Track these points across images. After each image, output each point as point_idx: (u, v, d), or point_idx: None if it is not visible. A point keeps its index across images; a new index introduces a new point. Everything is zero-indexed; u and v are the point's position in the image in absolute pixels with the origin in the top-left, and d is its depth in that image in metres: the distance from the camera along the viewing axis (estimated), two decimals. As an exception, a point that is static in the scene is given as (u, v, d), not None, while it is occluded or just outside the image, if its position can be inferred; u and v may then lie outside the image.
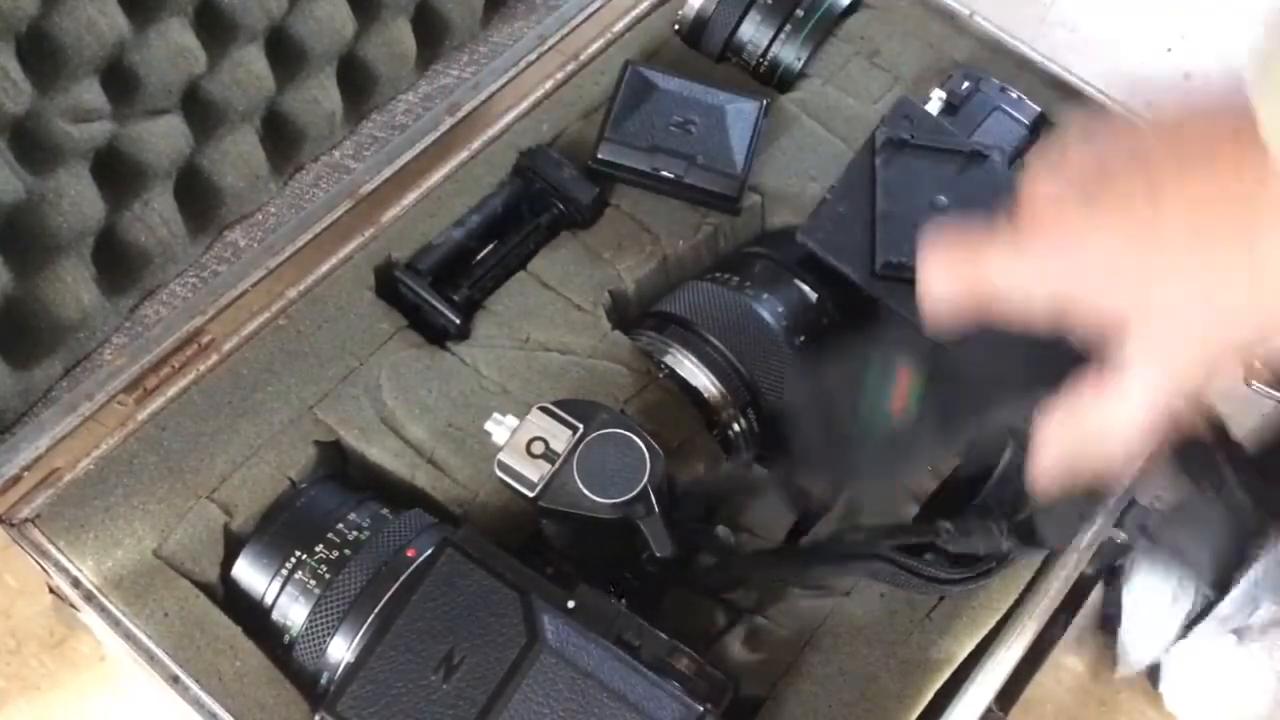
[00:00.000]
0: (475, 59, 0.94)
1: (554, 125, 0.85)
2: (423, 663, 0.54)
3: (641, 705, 0.53)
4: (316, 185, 0.85)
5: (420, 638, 0.55)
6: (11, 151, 0.71)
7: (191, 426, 0.71)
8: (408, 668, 0.54)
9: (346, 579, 0.61)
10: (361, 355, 0.74)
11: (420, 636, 0.55)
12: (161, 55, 0.78)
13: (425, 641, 0.55)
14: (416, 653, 0.55)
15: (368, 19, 0.89)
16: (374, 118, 0.91)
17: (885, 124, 0.75)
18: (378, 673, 0.54)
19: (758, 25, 0.88)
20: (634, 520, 0.59)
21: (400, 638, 0.55)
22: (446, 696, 0.53)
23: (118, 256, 0.78)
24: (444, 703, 0.53)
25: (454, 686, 0.54)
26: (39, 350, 0.74)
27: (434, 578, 0.56)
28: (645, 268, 0.79)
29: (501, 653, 0.54)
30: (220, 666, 0.63)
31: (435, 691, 0.54)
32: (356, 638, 0.59)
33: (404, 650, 0.55)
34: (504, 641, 0.54)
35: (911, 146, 0.73)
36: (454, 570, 0.56)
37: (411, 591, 0.56)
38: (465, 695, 0.53)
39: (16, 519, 0.67)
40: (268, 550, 0.64)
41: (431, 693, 0.54)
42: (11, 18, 0.70)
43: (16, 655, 0.82)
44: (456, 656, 0.54)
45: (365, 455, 0.71)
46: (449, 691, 0.54)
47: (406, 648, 0.55)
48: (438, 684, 0.54)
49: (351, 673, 0.55)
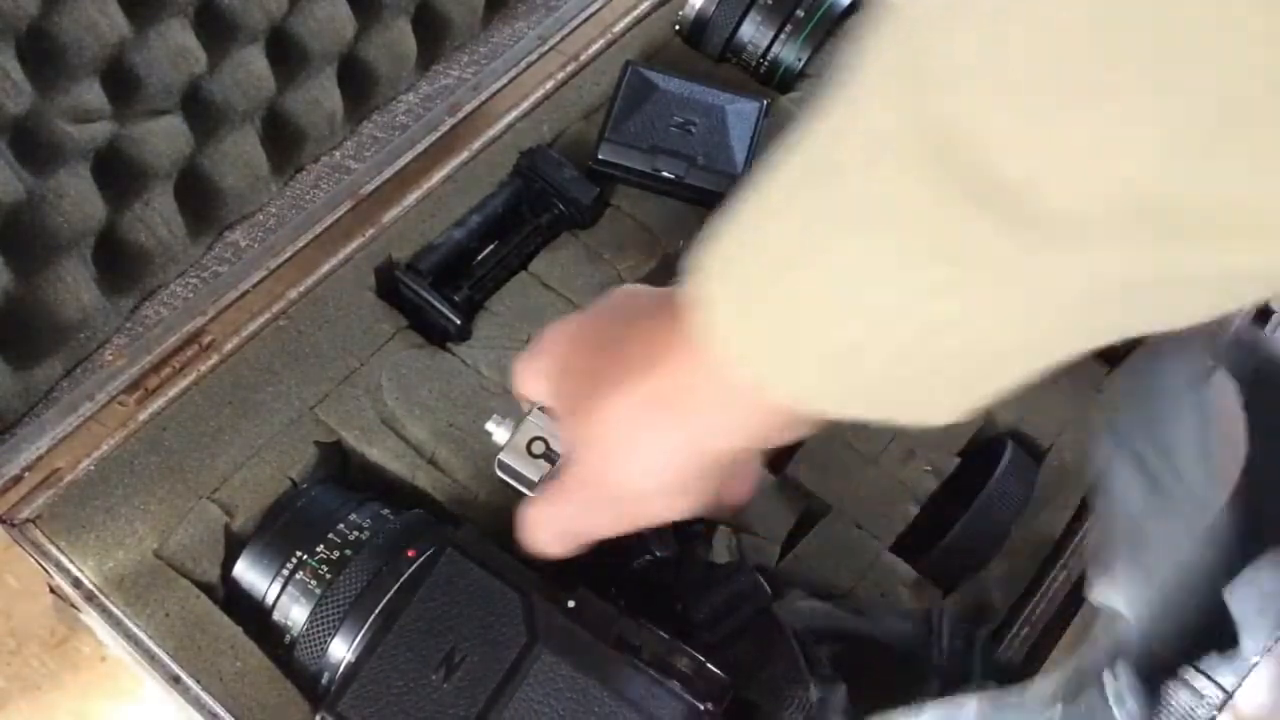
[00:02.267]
0: (476, 59, 0.94)
1: (554, 126, 0.85)
2: (423, 662, 0.54)
3: (642, 704, 0.53)
4: (317, 185, 0.85)
5: (421, 637, 0.55)
6: (12, 151, 0.71)
7: (192, 427, 0.71)
8: (408, 667, 0.54)
9: (347, 579, 0.61)
10: (362, 356, 0.74)
11: (421, 636, 0.55)
12: (162, 55, 0.78)
13: (426, 641, 0.55)
14: (417, 652, 0.55)
15: (368, 19, 0.89)
16: (374, 118, 0.91)
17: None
18: (379, 672, 0.54)
19: (758, 25, 0.88)
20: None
21: (401, 637, 0.55)
22: (447, 696, 0.54)
23: (118, 257, 0.78)
24: (445, 702, 0.53)
25: (455, 686, 0.54)
26: (39, 350, 0.74)
27: (434, 578, 0.56)
28: (645, 268, 0.79)
29: (502, 652, 0.54)
30: (221, 666, 0.63)
31: (436, 691, 0.54)
32: (357, 638, 0.59)
33: (405, 650, 0.55)
34: (504, 641, 0.55)
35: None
36: (454, 571, 0.57)
37: (412, 592, 0.56)
38: (466, 694, 0.53)
39: (17, 519, 0.67)
40: (269, 551, 0.64)
41: (432, 692, 0.54)
42: (11, 18, 0.70)
43: (17, 655, 0.82)
44: (457, 656, 0.54)
45: (366, 456, 0.71)
46: (450, 691, 0.54)
47: (407, 647, 0.55)
48: (438, 683, 0.54)
49: (352, 672, 0.55)
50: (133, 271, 0.79)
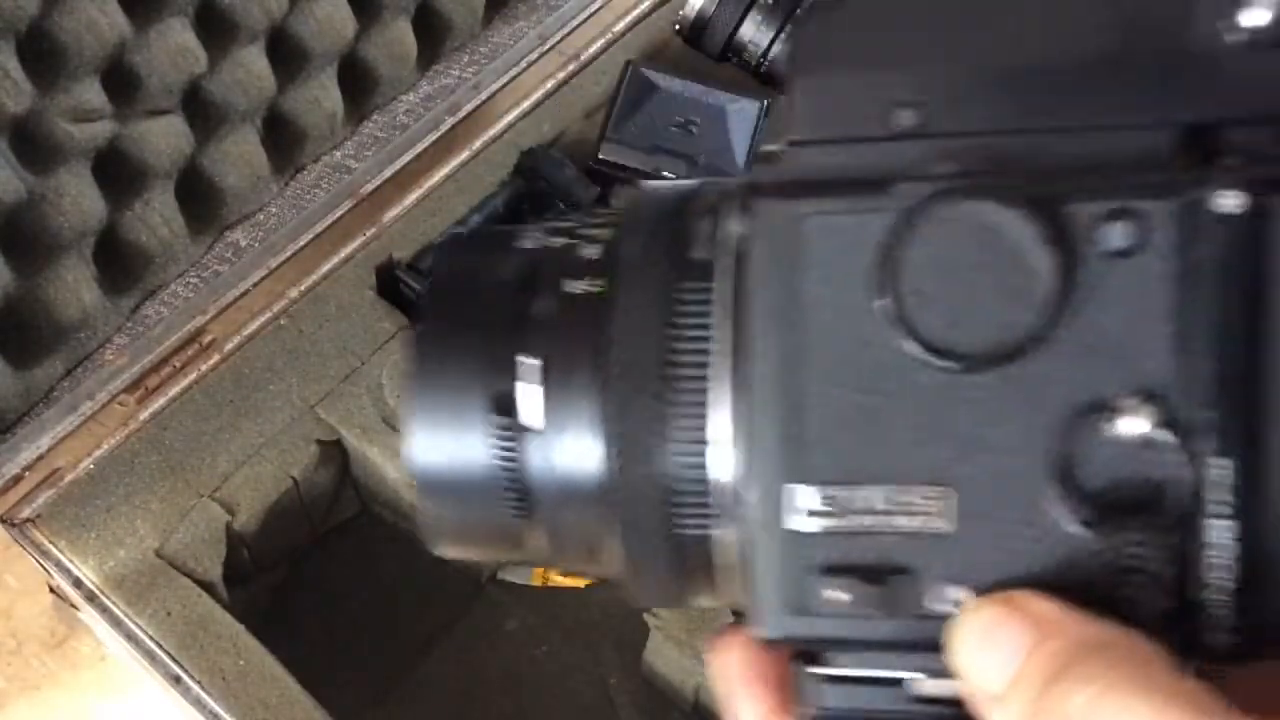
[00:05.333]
0: (476, 59, 0.94)
1: (555, 125, 0.85)
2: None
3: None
4: (318, 185, 0.85)
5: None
6: (12, 151, 0.71)
7: (193, 426, 0.71)
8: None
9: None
10: (363, 354, 0.74)
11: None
12: (162, 55, 0.78)
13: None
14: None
15: (368, 19, 0.89)
16: (375, 118, 0.90)
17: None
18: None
19: (758, 25, 0.88)
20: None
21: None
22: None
23: (119, 256, 0.78)
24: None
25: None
26: (40, 350, 0.74)
27: None
28: (646, 267, 0.79)
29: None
30: (223, 666, 0.63)
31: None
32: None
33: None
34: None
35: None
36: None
37: None
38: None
39: (18, 519, 0.67)
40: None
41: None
42: (12, 17, 0.70)
43: (17, 655, 0.82)
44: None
45: (366, 454, 0.71)
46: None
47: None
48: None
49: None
50: (133, 271, 0.78)
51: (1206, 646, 0.29)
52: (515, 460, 0.35)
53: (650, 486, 0.34)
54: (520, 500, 0.36)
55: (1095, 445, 0.29)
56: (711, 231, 0.34)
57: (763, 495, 0.31)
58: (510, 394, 0.35)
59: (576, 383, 0.34)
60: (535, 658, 0.85)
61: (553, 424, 0.35)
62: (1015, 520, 0.30)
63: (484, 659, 0.85)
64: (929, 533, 0.31)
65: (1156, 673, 0.27)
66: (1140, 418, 0.29)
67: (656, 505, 0.34)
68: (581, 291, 0.35)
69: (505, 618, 0.87)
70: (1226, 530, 0.29)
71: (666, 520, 0.34)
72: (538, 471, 0.35)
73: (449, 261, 0.40)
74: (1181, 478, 0.29)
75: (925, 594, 0.30)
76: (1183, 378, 0.29)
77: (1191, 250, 0.29)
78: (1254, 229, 0.28)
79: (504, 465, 0.35)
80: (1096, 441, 0.29)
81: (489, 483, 0.36)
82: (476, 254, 0.39)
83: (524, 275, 0.37)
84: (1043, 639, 0.28)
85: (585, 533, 0.36)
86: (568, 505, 0.35)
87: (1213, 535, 0.29)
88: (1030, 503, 0.30)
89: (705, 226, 0.34)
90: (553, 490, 0.36)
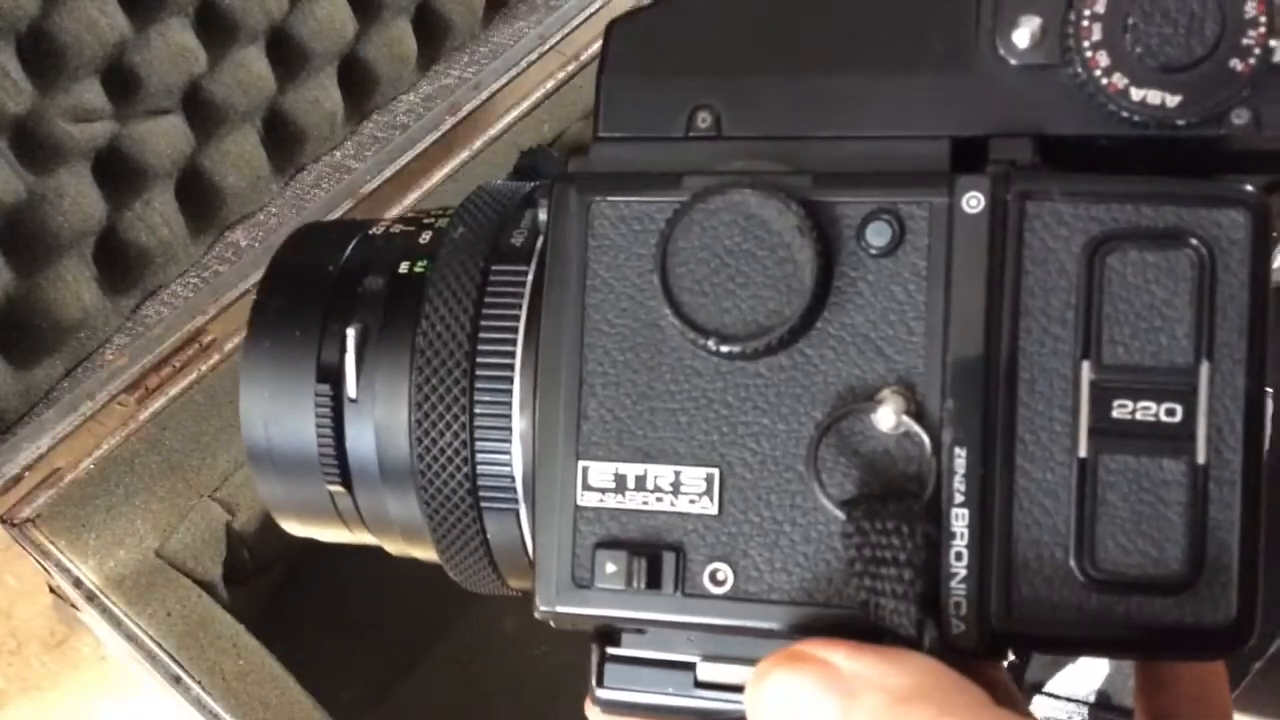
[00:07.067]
0: (476, 59, 0.94)
1: (555, 125, 0.85)
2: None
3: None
4: (318, 185, 0.85)
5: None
6: (12, 151, 0.71)
7: (193, 426, 0.71)
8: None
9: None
10: (363, 355, 0.74)
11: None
12: (162, 55, 0.78)
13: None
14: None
15: (368, 19, 0.89)
16: (375, 118, 0.91)
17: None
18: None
19: (758, 25, 0.88)
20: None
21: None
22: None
23: (119, 256, 0.78)
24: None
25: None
26: (40, 350, 0.74)
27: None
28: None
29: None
30: (223, 666, 0.63)
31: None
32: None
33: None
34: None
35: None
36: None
37: None
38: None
39: (18, 519, 0.67)
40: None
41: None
42: (12, 17, 0.70)
43: (17, 656, 0.82)
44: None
45: (367, 455, 0.71)
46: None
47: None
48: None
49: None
50: (133, 271, 0.79)
51: (949, 641, 0.29)
52: (333, 428, 0.37)
53: (453, 462, 0.36)
54: (338, 469, 0.37)
55: (856, 435, 0.31)
56: (532, 220, 0.37)
57: (548, 471, 0.32)
58: (334, 365, 0.37)
59: (390, 355, 0.37)
60: (534, 658, 0.85)
61: (366, 393, 0.36)
62: (778, 505, 0.31)
63: (482, 659, 0.86)
64: (696, 513, 0.32)
65: (974, 714, 0.26)
66: (896, 409, 0.30)
67: (460, 481, 0.36)
68: (407, 271, 0.37)
69: (503, 618, 0.87)
70: (963, 519, 0.30)
71: (473, 494, 0.36)
72: (354, 439, 0.37)
73: (294, 246, 0.42)
74: (930, 468, 0.30)
75: (695, 572, 0.32)
76: (931, 370, 0.30)
77: (942, 249, 0.31)
78: (993, 229, 0.30)
79: (322, 431, 0.37)
80: (857, 431, 0.31)
81: (310, 450, 0.38)
82: (324, 240, 0.42)
83: (364, 258, 0.40)
84: (851, 700, 0.27)
85: (401, 509, 0.37)
86: (383, 478, 0.37)
87: (955, 524, 0.30)
88: (793, 489, 0.31)
89: (527, 216, 0.37)
90: (368, 460, 0.37)
